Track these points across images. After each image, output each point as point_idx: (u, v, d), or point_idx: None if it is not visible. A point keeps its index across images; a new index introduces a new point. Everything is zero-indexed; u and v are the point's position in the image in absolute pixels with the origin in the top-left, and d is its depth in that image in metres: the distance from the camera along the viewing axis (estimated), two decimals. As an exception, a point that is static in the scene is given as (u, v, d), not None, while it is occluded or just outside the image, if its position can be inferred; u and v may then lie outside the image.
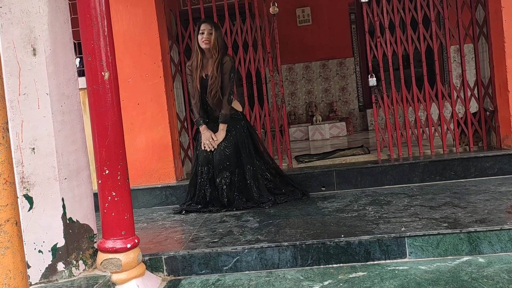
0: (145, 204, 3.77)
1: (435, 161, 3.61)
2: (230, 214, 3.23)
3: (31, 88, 2.12)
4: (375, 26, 3.88)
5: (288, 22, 7.41)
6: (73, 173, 2.24)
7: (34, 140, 2.13)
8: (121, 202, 2.23)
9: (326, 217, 2.86)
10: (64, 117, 2.21)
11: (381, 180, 3.62)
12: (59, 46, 2.20)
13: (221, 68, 3.32)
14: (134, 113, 3.81)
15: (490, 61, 3.82)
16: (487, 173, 3.53)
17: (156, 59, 3.81)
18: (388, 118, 3.95)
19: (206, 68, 3.38)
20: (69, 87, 2.25)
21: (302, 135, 6.99)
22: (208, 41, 3.31)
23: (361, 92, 7.83)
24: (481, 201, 2.85)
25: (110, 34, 2.23)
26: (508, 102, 3.59)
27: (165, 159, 3.85)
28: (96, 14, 2.17)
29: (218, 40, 3.30)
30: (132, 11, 3.75)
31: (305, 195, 3.49)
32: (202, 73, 3.37)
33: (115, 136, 2.23)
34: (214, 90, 3.32)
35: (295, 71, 7.90)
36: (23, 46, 2.11)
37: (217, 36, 3.30)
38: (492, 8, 3.69)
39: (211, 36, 3.29)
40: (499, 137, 3.79)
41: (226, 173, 3.34)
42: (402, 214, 2.72)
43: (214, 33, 3.29)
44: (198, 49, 3.35)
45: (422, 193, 3.25)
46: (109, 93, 2.21)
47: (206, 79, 3.36)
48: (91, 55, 2.19)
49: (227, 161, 3.35)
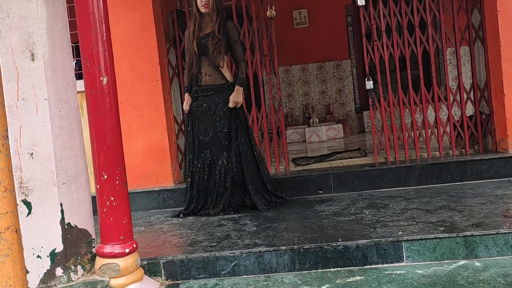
0: (142, 207, 3.78)
1: (432, 164, 3.63)
2: (228, 217, 3.24)
3: (29, 93, 2.12)
4: (372, 30, 3.90)
5: (285, 24, 7.43)
6: (71, 178, 2.24)
7: (33, 145, 2.13)
8: (119, 207, 2.24)
9: (324, 220, 2.87)
10: (63, 122, 2.22)
11: (378, 183, 3.64)
12: (57, 51, 2.21)
13: (224, 31, 3.32)
14: (132, 116, 3.81)
15: (486, 64, 3.85)
16: (483, 176, 3.56)
17: (153, 62, 3.81)
18: (385, 121, 3.97)
19: (205, 29, 3.38)
20: (68, 92, 2.26)
21: (299, 137, 7.01)
22: (207, 5, 3.32)
23: (358, 94, 7.86)
24: (477, 204, 2.87)
25: (108, 39, 2.23)
26: (504, 105, 3.61)
27: (162, 162, 3.85)
28: (95, 20, 2.18)
29: (217, 3, 3.31)
30: (130, 15, 3.76)
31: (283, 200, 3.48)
32: (201, 33, 3.37)
33: (113, 141, 2.24)
34: (215, 48, 3.29)
35: (292, 73, 7.91)
36: (21, 51, 2.11)
37: (216, 3, 3.31)
38: (488, 12, 3.72)
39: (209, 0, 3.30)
40: (495, 140, 3.82)
41: (225, 153, 3.33)
42: (399, 217, 2.74)
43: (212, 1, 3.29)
44: (196, 13, 3.37)
45: (419, 196, 3.27)
46: (107, 98, 2.22)
47: (204, 40, 3.33)
48: (89, 60, 2.19)
49: (226, 140, 3.33)
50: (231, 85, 3.38)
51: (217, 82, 3.35)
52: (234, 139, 3.33)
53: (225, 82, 3.36)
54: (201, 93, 3.37)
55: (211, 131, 3.34)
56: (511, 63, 3.56)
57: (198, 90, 3.38)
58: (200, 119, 3.36)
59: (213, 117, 3.34)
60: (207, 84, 3.36)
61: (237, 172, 3.34)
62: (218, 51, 3.28)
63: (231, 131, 3.33)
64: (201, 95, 3.37)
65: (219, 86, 3.35)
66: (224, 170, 3.34)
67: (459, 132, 3.92)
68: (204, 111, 3.35)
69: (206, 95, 3.36)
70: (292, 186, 3.71)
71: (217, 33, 3.28)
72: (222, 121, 3.32)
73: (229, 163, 3.33)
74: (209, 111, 3.35)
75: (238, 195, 3.37)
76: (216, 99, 3.34)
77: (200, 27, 3.36)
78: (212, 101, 3.34)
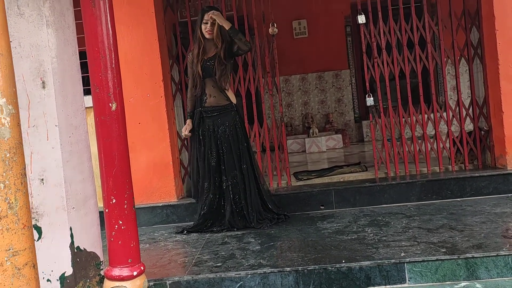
0: (146, 223, 3.81)
1: (432, 181, 3.69)
2: (231, 234, 3.28)
3: (40, 120, 2.16)
4: (372, 47, 3.96)
5: (285, 34, 7.49)
6: (80, 202, 2.28)
7: (43, 171, 2.17)
8: (127, 230, 2.28)
9: (327, 239, 2.91)
10: (72, 147, 2.26)
11: (379, 199, 3.69)
12: (67, 78, 2.25)
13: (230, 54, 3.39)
14: (135, 132, 3.85)
15: (484, 81, 3.91)
16: (483, 192, 3.61)
17: (157, 79, 3.86)
18: (385, 137, 4.02)
19: (209, 52, 3.43)
20: (77, 118, 2.30)
21: (299, 147, 7.06)
22: (211, 32, 3.37)
23: (357, 104, 7.93)
24: (477, 223, 2.92)
25: (117, 66, 2.28)
26: (502, 122, 3.67)
27: (166, 177, 3.89)
28: (104, 47, 2.23)
29: (221, 29, 3.34)
30: (134, 32, 3.80)
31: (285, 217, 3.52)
32: (205, 56, 3.42)
33: (121, 165, 2.28)
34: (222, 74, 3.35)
35: (291, 82, 7.98)
36: (32, 79, 2.16)
37: (220, 25, 3.34)
38: (486, 30, 3.78)
39: (214, 26, 3.35)
40: (494, 156, 3.88)
41: (229, 175, 3.38)
42: (401, 237, 2.79)
43: (217, 23, 3.33)
44: (201, 38, 3.41)
45: (420, 213, 3.32)
46: (116, 124, 2.26)
47: (209, 63, 3.38)
48: (99, 87, 2.24)
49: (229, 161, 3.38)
50: (235, 106, 3.43)
51: (221, 103, 3.41)
52: (237, 160, 3.38)
53: (229, 104, 3.42)
54: (205, 114, 3.42)
55: (215, 154, 3.39)
56: (509, 81, 3.62)
57: (202, 111, 3.43)
58: (210, 142, 3.41)
59: (217, 139, 3.39)
60: (211, 105, 3.41)
61: (240, 193, 3.39)
62: (225, 76, 3.36)
63: (234, 152, 3.38)
64: (206, 116, 3.42)
65: (223, 107, 3.41)
66: (228, 191, 3.39)
67: (459, 147, 3.98)
68: (210, 134, 3.41)
69: (210, 116, 3.41)
70: (294, 202, 3.76)
71: (223, 59, 3.33)
72: (225, 143, 3.38)
73: (232, 184, 3.38)
74: (213, 133, 3.40)
75: (241, 216, 3.41)
76: (219, 121, 3.40)
77: (204, 50, 3.41)
78: (215, 122, 3.40)
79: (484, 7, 3.78)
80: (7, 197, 1.36)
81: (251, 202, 3.40)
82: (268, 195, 3.57)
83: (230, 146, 3.39)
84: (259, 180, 3.50)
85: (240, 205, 3.41)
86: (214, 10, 3.38)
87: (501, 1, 3.62)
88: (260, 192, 3.48)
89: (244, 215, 3.40)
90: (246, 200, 3.40)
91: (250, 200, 3.40)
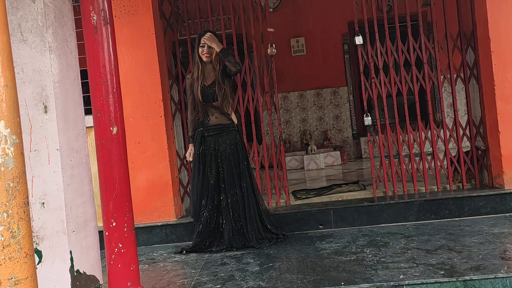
0: (145, 242, 3.81)
1: (430, 200, 3.70)
2: (231, 254, 3.28)
3: (42, 145, 2.18)
4: (369, 67, 4.01)
5: (283, 51, 7.56)
6: (80, 225, 2.29)
7: (44, 195, 2.18)
8: (127, 254, 2.29)
9: (326, 260, 2.92)
10: (73, 171, 2.27)
11: (378, 219, 3.70)
12: (69, 102, 2.28)
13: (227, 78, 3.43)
14: (135, 152, 3.87)
15: (480, 101, 3.96)
16: (481, 212, 3.63)
17: (157, 99, 3.90)
18: (383, 156, 4.05)
19: (208, 77, 3.47)
20: (78, 142, 2.32)
21: (297, 164, 7.08)
22: (208, 55, 3.41)
23: (355, 121, 7.98)
24: (476, 244, 2.94)
25: (118, 90, 2.32)
26: (499, 142, 3.71)
27: (165, 197, 3.90)
28: (106, 72, 2.27)
29: (218, 43, 3.38)
30: (134, 53, 3.85)
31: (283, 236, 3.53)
32: (205, 82, 3.45)
33: (122, 188, 2.30)
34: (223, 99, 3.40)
35: (289, 99, 8.04)
36: (34, 104, 2.18)
37: (216, 41, 3.37)
38: (482, 52, 3.84)
39: (211, 49, 3.38)
40: (491, 176, 3.90)
41: (229, 194, 3.40)
42: (400, 258, 2.80)
43: (213, 39, 3.36)
44: (199, 61, 3.45)
45: (418, 233, 3.33)
46: (117, 147, 2.29)
47: (210, 90, 3.43)
48: (100, 111, 2.27)
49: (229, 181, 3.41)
50: (236, 126, 3.48)
51: (223, 123, 3.46)
52: (237, 178, 3.40)
53: (230, 123, 3.47)
54: (207, 133, 3.46)
55: (215, 172, 3.41)
56: (505, 102, 3.67)
57: (204, 131, 3.47)
58: (210, 160, 3.44)
59: (217, 157, 3.42)
60: (214, 124, 3.46)
61: (239, 211, 3.41)
62: (227, 101, 3.41)
63: (234, 171, 3.40)
64: (207, 135, 3.46)
65: (225, 126, 3.45)
66: (227, 209, 3.40)
67: (456, 167, 4.01)
68: (211, 153, 3.44)
69: (211, 134, 3.45)
70: (293, 221, 3.77)
71: (222, 83, 3.38)
72: (225, 161, 3.41)
73: (231, 202, 3.39)
74: (214, 151, 3.43)
75: (241, 234, 3.42)
76: (220, 139, 3.43)
77: (203, 74, 3.46)
78: (216, 141, 3.44)
79: (480, 29, 3.85)
80: (10, 226, 1.38)
81: (251, 221, 3.42)
82: (267, 215, 3.59)
83: (231, 164, 3.42)
84: (258, 200, 3.52)
85: (239, 223, 3.42)
86: (209, 33, 3.44)
87: (496, 24, 3.68)
88: (259, 211, 3.49)
89: (244, 233, 3.41)
90: (246, 218, 3.41)
91: (249, 218, 3.41)
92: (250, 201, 3.43)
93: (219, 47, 3.36)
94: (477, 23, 3.88)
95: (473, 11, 3.91)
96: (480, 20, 3.82)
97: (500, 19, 3.68)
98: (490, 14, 3.67)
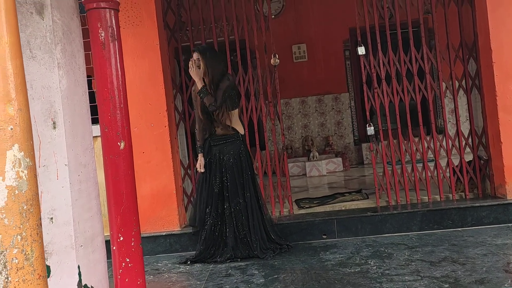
0: (149, 252, 3.82)
1: (433, 210, 3.72)
2: (235, 265, 3.30)
3: (50, 160, 2.20)
4: (372, 78, 4.04)
5: (285, 58, 7.59)
6: (88, 240, 2.31)
7: (53, 210, 2.20)
8: (134, 268, 2.31)
9: (330, 272, 2.94)
10: (81, 185, 2.29)
11: (381, 228, 3.72)
12: (77, 118, 2.30)
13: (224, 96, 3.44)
14: (139, 161, 3.89)
15: (482, 111, 3.98)
16: (483, 222, 3.65)
17: (161, 109, 3.92)
18: (386, 166, 4.07)
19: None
20: (86, 156, 2.34)
21: (299, 170, 7.10)
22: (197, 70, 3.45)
23: (356, 127, 8.00)
24: (479, 256, 2.95)
25: (125, 106, 2.34)
26: (501, 152, 3.73)
27: (169, 206, 3.92)
28: (113, 88, 2.29)
29: (207, 67, 3.41)
30: (139, 64, 3.88)
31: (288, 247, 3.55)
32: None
33: (129, 203, 2.32)
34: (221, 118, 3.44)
35: (291, 105, 8.07)
36: (43, 120, 2.21)
37: (206, 63, 3.41)
38: (483, 62, 3.87)
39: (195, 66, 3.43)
40: (493, 185, 3.92)
41: (233, 203, 3.44)
42: (404, 270, 2.81)
43: (203, 60, 3.41)
44: None
45: (422, 244, 3.35)
46: (124, 162, 2.31)
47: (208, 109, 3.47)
48: (108, 126, 2.29)
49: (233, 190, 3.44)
50: (241, 136, 3.52)
51: (228, 133, 3.51)
52: (240, 189, 3.43)
53: (235, 133, 3.51)
54: (213, 143, 3.52)
55: (219, 181, 3.44)
56: (507, 113, 3.69)
57: (211, 140, 3.53)
58: (215, 169, 3.48)
59: (222, 167, 3.45)
60: (220, 135, 3.52)
61: (243, 220, 3.43)
62: (224, 116, 3.45)
63: (237, 180, 3.43)
64: (213, 145, 3.52)
65: (229, 136, 3.50)
66: (230, 218, 3.43)
67: (459, 176, 4.03)
68: (216, 162, 3.48)
69: (217, 144, 3.50)
70: (296, 231, 3.79)
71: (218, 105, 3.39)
72: (229, 171, 3.44)
73: (235, 211, 3.42)
74: (219, 161, 3.47)
75: (244, 243, 3.44)
76: (225, 149, 3.48)
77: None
78: (221, 150, 3.49)
79: (481, 39, 3.88)
80: (23, 249, 1.40)
81: (255, 230, 3.44)
82: (271, 225, 3.61)
83: (234, 174, 3.45)
84: (262, 209, 3.54)
85: (243, 232, 3.44)
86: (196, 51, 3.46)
87: (497, 35, 3.71)
88: (263, 221, 3.52)
89: (248, 242, 3.43)
90: (249, 227, 3.43)
91: (253, 227, 3.44)
92: (254, 211, 3.46)
93: (200, 83, 3.43)
94: (478, 34, 3.91)
95: (475, 22, 3.94)
96: (481, 31, 3.85)
97: (502, 31, 3.71)
98: (491, 25, 3.70)
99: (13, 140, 1.43)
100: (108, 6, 2.26)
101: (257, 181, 3.64)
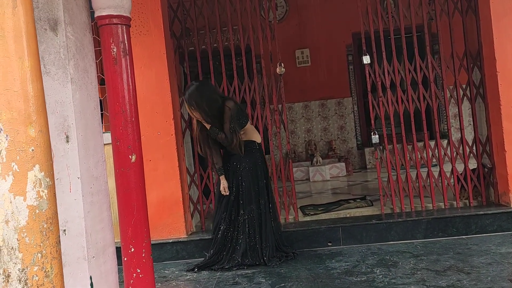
0: (156, 259, 3.84)
1: (437, 218, 3.76)
2: (242, 273, 3.34)
3: (63, 173, 2.25)
4: (377, 86, 4.07)
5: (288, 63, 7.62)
6: (100, 251, 2.35)
7: (66, 222, 2.24)
8: (145, 279, 2.35)
9: (336, 280, 2.97)
10: (93, 198, 2.34)
11: (386, 236, 3.75)
12: (89, 132, 2.34)
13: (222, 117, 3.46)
14: (146, 169, 3.87)
15: (487, 120, 4.02)
16: (487, 230, 3.68)
17: (168, 118, 3.96)
18: (390, 175, 4.11)
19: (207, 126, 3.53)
20: (98, 169, 2.38)
21: (302, 175, 7.13)
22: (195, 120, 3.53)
23: (359, 131, 8.04)
24: (484, 265, 2.99)
25: (136, 119, 2.39)
26: (505, 161, 3.76)
27: (175, 214, 3.96)
28: (125, 102, 2.33)
29: (202, 113, 3.39)
30: (146, 73, 3.92)
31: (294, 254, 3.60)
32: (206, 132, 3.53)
33: (140, 215, 2.36)
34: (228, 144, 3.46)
35: (294, 110, 8.10)
36: (57, 134, 2.25)
37: (200, 111, 3.39)
38: (488, 72, 3.90)
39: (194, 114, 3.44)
40: (497, 193, 3.96)
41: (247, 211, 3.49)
42: (410, 279, 2.85)
43: (195, 111, 3.39)
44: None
45: (427, 252, 3.38)
46: (135, 175, 2.36)
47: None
48: (119, 140, 2.34)
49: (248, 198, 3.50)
50: (258, 145, 3.58)
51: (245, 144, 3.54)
52: (255, 195, 3.49)
53: (251, 141, 3.55)
54: (231, 153, 3.55)
55: (235, 189, 3.50)
56: (511, 122, 3.72)
57: (228, 149, 3.55)
58: (232, 177, 3.54)
59: (238, 175, 3.51)
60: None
61: (255, 227, 3.48)
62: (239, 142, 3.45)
63: (252, 188, 3.49)
64: (231, 154, 3.55)
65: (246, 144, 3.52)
66: (244, 227, 3.48)
67: (463, 184, 4.06)
68: (234, 169, 3.54)
69: (234, 154, 3.52)
70: (302, 239, 3.82)
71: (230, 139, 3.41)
72: (245, 179, 3.50)
73: (248, 218, 3.47)
74: (236, 169, 3.52)
75: (254, 250, 3.48)
76: (242, 158, 3.51)
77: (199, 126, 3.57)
78: (239, 159, 3.52)
79: (485, 49, 3.91)
80: (43, 266, 1.44)
81: (266, 237, 3.49)
82: (280, 234, 3.67)
83: (250, 182, 3.51)
84: (276, 215, 3.64)
85: (254, 239, 3.49)
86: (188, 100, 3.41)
87: (502, 44, 3.74)
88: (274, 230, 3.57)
89: (257, 249, 3.47)
90: (261, 234, 3.48)
91: (264, 234, 3.49)
92: (267, 218, 3.52)
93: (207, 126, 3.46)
94: (483, 44, 3.94)
95: (479, 31, 3.97)
96: (486, 40, 3.89)
97: (506, 40, 3.74)
98: (496, 35, 3.74)
99: (34, 161, 1.47)
100: (120, 22, 2.31)
101: (272, 187, 3.70)
